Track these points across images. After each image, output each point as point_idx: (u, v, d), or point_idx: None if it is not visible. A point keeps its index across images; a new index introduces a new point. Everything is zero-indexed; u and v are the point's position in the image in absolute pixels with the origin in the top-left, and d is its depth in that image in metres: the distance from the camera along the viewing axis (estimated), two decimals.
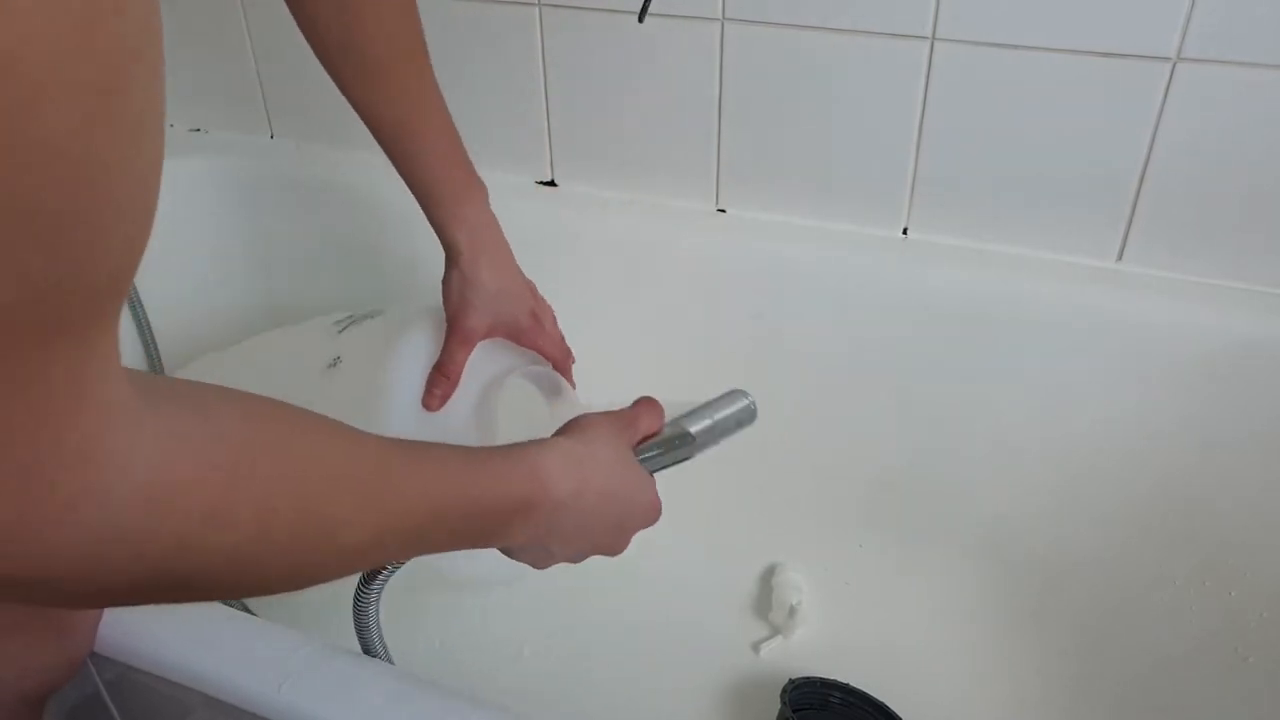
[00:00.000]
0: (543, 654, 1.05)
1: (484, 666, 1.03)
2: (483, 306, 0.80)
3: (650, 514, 0.64)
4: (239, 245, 1.31)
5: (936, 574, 1.11)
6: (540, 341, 0.84)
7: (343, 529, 0.41)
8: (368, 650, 0.66)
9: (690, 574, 1.12)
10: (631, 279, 1.14)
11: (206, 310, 1.31)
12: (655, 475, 0.66)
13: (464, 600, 1.09)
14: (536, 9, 1.09)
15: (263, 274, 1.34)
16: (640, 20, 0.83)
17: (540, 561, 0.61)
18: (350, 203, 1.23)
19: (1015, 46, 0.93)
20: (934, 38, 0.96)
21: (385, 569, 0.63)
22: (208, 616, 0.67)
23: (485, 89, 1.17)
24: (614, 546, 0.64)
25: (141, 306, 1.21)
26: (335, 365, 0.88)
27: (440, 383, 0.80)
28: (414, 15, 0.77)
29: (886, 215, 1.07)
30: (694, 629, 1.06)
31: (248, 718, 0.63)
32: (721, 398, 0.72)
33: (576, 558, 0.62)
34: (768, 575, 1.12)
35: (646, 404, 0.67)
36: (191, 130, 1.35)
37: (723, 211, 1.14)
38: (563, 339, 0.88)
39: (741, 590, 1.12)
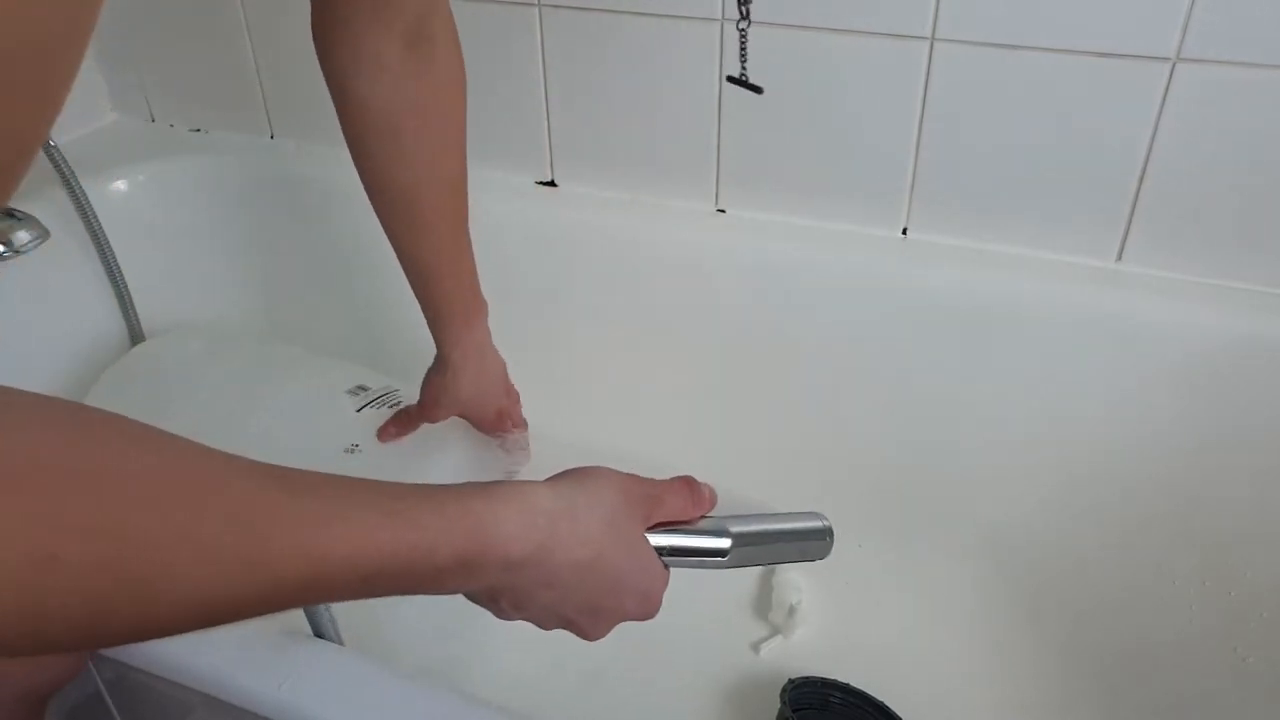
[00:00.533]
0: (540, 654, 1.05)
1: (481, 665, 1.03)
2: (451, 406, 0.91)
3: (643, 606, 0.54)
4: (239, 245, 1.31)
5: (936, 574, 1.11)
6: (497, 432, 0.96)
7: (167, 578, 0.33)
8: (318, 631, 0.65)
9: (690, 574, 1.12)
10: (631, 279, 1.15)
11: (206, 311, 1.31)
12: (672, 570, 0.55)
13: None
14: (536, 9, 1.09)
15: (262, 274, 1.34)
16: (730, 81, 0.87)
17: (498, 614, 0.53)
18: (350, 203, 1.23)
19: (1015, 46, 0.93)
20: (934, 38, 0.96)
21: None
22: None
23: (485, 89, 1.17)
24: (586, 629, 0.54)
25: (133, 308, 1.21)
26: (354, 452, 0.91)
27: (402, 423, 0.94)
28: (463, 177, 0.81)
29: (886, 215, 1.07)
30: (694, 629, 1.06)
31: (248, 718, 0.63)
32: (794, 514, 0.60)
33: (541, 624, 0.54)
34: (768, 575, 1.12)
35: (684, 483, 0.56)
36: (191, 130, 1.35)
37: (723, 211, 1.14)
38: (521, 420, 0.98)
39: (741, 590, 1.12)
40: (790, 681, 0.94)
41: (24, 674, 0.66)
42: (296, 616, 0.66)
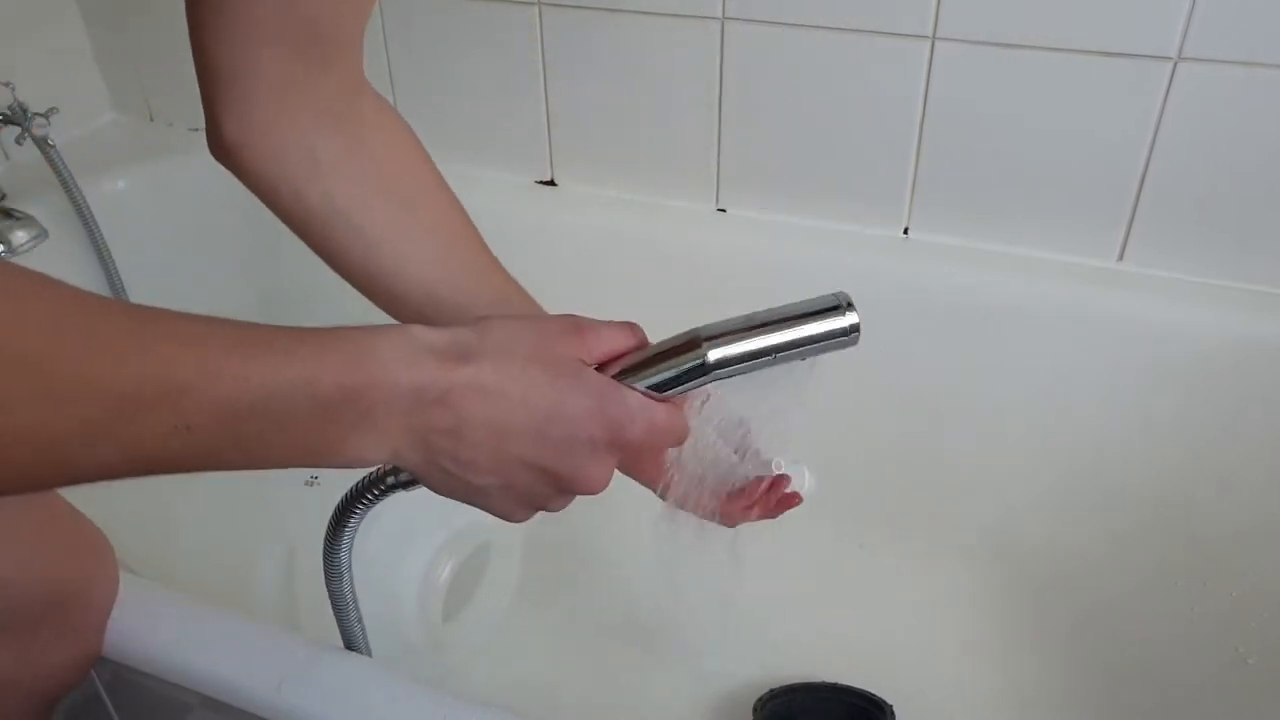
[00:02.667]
0: (522, 660, 1.05)
1: (478, 668, 1.03)
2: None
3: (614, 430, 0.44)
4: (236, 246, 1.31)
5: (936, 573, 1.11)
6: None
7: (5, 416, 0.32)
8: (350, 644, 0.64)
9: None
10: (631, 279, 1.14)
11: (202, 311, 1.31)
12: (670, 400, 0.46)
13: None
14: (536, 9, 1.09)
15: (260, 275, 1.34)
16: None
17: (459, 489, 0.45)
18: None
19: (1016, 46, 0.93)
20: (935, 37, 0.96)
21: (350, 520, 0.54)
22: (208, 617, 0.67)
23: (485, 89, 1.17)
24: (557, 468, 0.44)
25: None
26: (313, 484, 0.90)
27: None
28: (460, 220, 0.65)
29: (887, 215, 1.07)
30: (680, 634, 1.06)
31: (247, 718, 0.62)
32: (800, 304, 0.48)
33: (506, 480, 0.44)
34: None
35: (620, 325, 0.48)
36: (190, 130, 1.35)
37: (723, 211, 1.14)
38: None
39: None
40: (760, 698, 0.94)
41: (30, 678, 0.66)
42: (327, 628, 0.65)
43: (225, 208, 1.30)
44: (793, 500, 0.71)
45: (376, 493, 0.53)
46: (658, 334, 0.49)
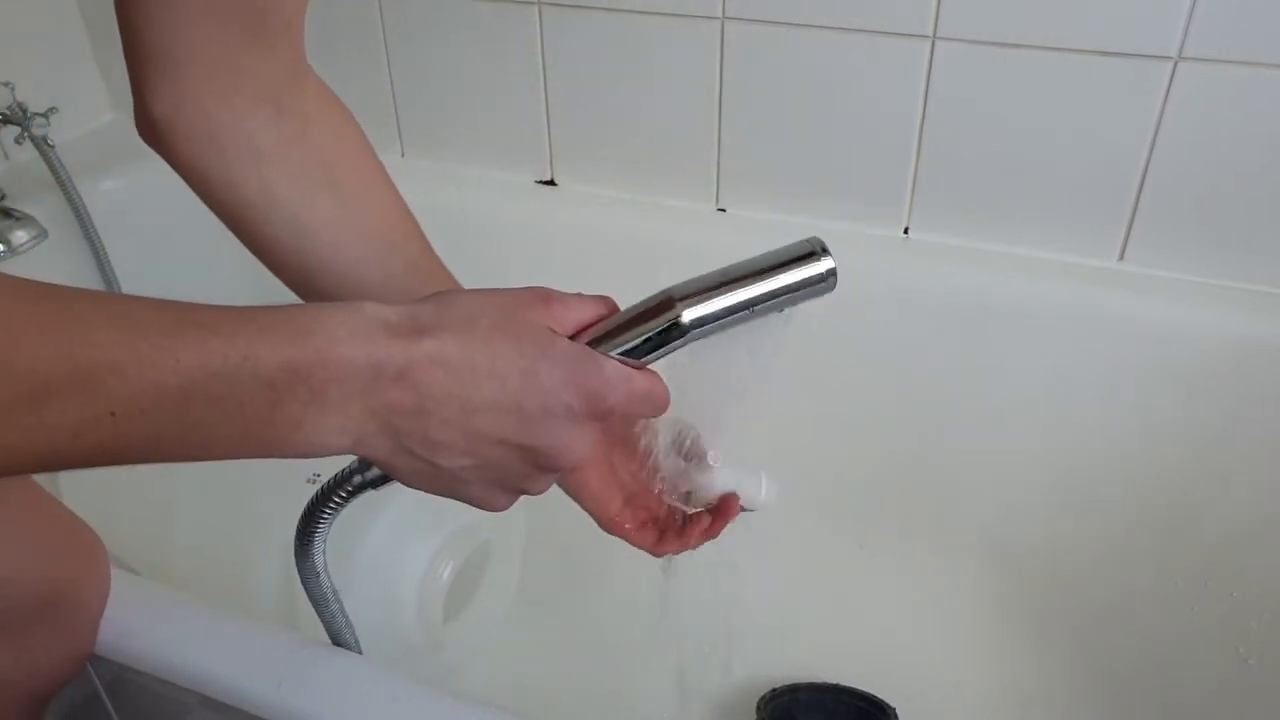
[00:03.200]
0: (521, 660, 1.05)
1: (475, 670, 1.03)
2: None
3: (592, 402, 0.41)
4: (236, 247, 1.31)
5: (936, 574, 1.11)
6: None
7: None
8: (336, 639, 0.64)
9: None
10: (631, 279, 1.14)
11: None
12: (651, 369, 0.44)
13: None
14: (536, 9, 1.09)
15: (259, 277, 1.33)
16: None
17: (422, 477, 0.42)
18: None
19: (1016, 46, 0.93)
20: (935, 37, 0.95)
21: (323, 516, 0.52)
22: (207, 617, 0.67)
23: (485, 88, 1.17)
24: (532, 443, 0.41)
25: None
26: (315, 481, 0.89)
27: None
28: (402, 219, 0.60)
29: (887, 215, 1.07)
30: (680, 634, 1.06)
31: (246, 718, 0.62)
32: (772, 253, 0.45)
33: (480, 459, 0.41)
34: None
35: (592, 297, 0.46)
36: None
37: (723, 211, 1.14)
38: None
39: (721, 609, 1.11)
40: (763, 697, 0.94)
41: (24, 676, 0.66)
42: (315, 624, 0.65)
43: None
44: (729, 513, 0.61)
45: (344, 494, 0.51)
46: None
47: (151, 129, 0.53)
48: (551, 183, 1.21)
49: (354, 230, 0.57)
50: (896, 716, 0.93)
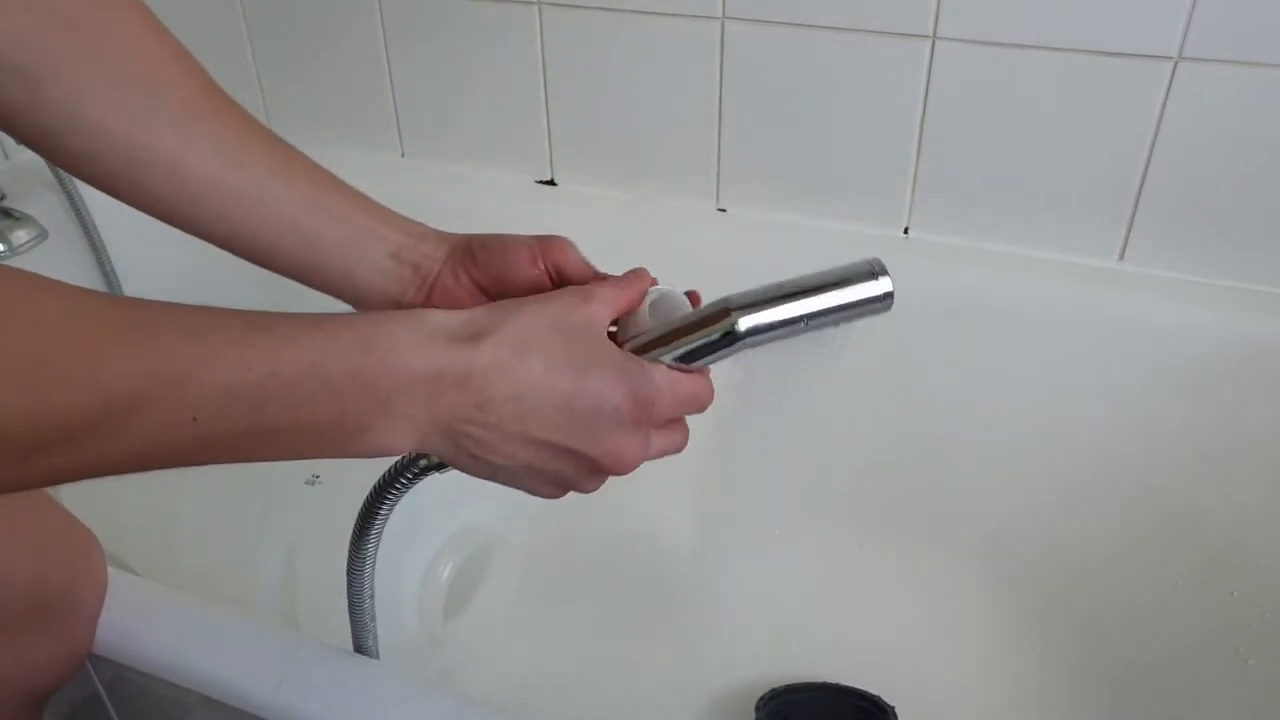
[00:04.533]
0: (522, 660, 1.05)
1: (475, 669, 1.03)
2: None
3: (642, 409, 0.43)
4: None
5: (936, 574, 1.11)
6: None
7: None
8: (359, 646, 0.64)
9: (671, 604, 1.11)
10: None
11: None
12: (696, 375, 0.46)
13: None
14: (536, 9, 1.09)
15: (260, 277, 1.33)
16: None
17: (489, 474, 0.44)
18: None
19: (1016, 46, 0.93)
20: (935, 37, 0.95)
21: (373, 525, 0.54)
22: (207, 617, 0.67)
23: (485, 88, 1.17)
24: (585, 448, 0.43)
25: None
26: (314, 483, 0.89)
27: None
28: (202, 87, 0.52)
29: (887, 215, 1.07)
30: (680, 634, 1.06)
31: (247, 718, 0.62)
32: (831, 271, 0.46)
33: (540, 467, 0.43)
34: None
35: (624, 278, 0.48)
36: None
37: (723, 211, 1.14)
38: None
39: (727, 606, 1.11)
40: (761, 698, 0.94)
41: (22, 675, 0.66)
42: (327, 628, 0.64)
43: None
44: None
45: (409, 476, 0.52)
46: None
47: None
48: (551, 183, 1.21)
49: (104, 70, 0.49)
50: (896, 716, 0.93)
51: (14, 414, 0.33)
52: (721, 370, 0.47)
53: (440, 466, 0.50)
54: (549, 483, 0.45)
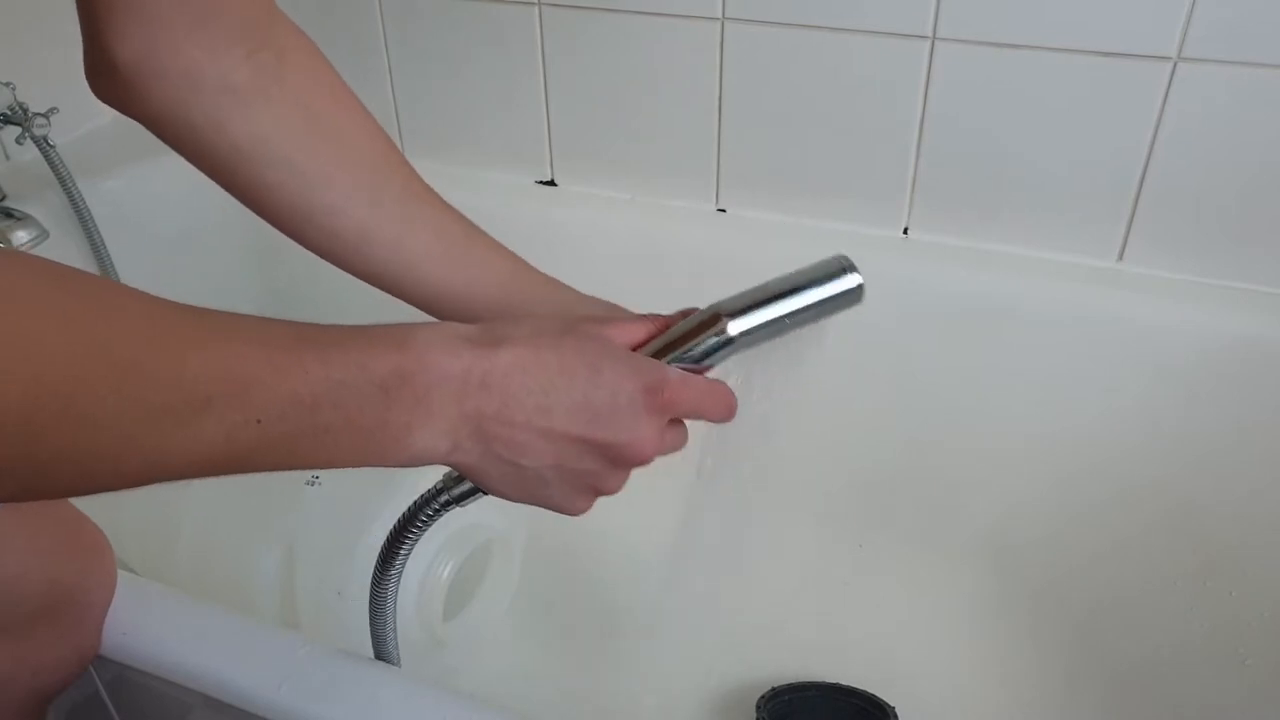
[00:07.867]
0: (522, 660, 1.05)
1: (475, 669, 1.03)
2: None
3: (656, 398, 0.45)
4: (237, 247, 1.31)
5: (936, 574, 1.11)
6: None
7: (87, 395, 0.33)
8: (380, 653, 0.64)
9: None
10: (631, 279, 1.14)
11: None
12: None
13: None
14: (536, 9, 1.09)
15: (260, 277, 1.34)
16: None
17: (508, 482, 0.45)
18: None
19: (1016, 46, 0.93)
20: (934, 37, 0.96)
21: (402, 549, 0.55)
22: (208, 617, 0.67)
23: (485, 89, 1.17)
24: (607, 440, 0.44)
25: None
26: (314, 483, 0.89)
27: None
28: (388, 153, 0.60)
29: (887, 215, 1.07)
30: (680, 634, 1.06)
31: (247, 718, 0.62)
32: (805, 270, 0.50)
33: (559, 462, 0.45)
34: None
35: (641, 318, 0.51)
36: None
37: (723, 211, 1.14)
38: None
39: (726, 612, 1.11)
40: (762, 697, 0.94)
41: (29, 676, 0.66)
42: (327, 628, 0.65)
43: (225, 208, 1.30)
44: None
45: (430, 513, 0.54)
46: None
47: (115, 77, 0.51)
48: (551, 183, 1.21)
49: (344, 162, 0.57)
50: (896, 716, 0.93)
51: (108, 408, 0.34)
52: (721, 372, 0.50)
53: (462, 498, 0.52)
54: (575, 485, 0.46)
